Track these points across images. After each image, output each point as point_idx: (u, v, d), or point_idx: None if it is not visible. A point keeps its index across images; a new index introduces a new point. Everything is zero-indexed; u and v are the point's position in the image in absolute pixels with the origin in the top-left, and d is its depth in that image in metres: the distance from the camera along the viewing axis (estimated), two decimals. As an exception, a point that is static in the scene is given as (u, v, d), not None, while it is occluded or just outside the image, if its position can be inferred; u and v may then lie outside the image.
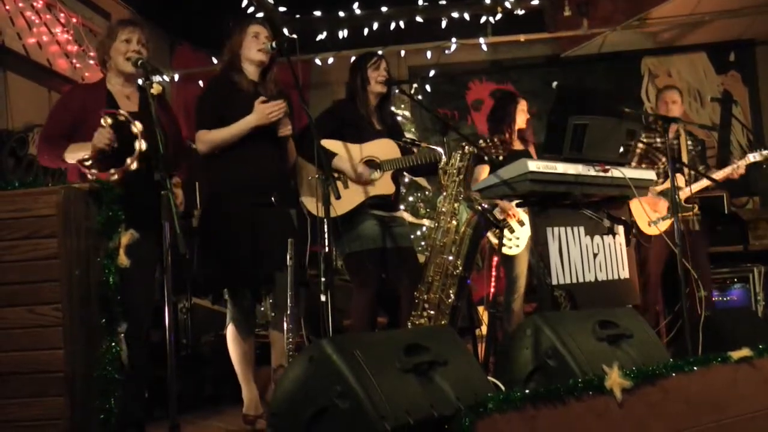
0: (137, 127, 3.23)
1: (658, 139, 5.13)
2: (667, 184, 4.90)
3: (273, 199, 3.69)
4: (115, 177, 3.18)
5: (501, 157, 3.73)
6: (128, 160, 3.21)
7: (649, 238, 5.04)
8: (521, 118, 5.00)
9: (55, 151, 3.35)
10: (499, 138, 4.74)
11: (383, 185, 3.99)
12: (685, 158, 5.11)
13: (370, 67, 4.11)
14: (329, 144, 3.94)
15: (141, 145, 3.22)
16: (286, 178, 3.92)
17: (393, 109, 4.61)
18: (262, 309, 4.78)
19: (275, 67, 3.85)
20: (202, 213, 3.86)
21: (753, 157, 5.13)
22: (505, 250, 4.80)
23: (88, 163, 3.25)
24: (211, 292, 3.97)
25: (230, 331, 3.76)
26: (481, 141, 3.78)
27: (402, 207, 4.42)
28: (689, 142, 5.26)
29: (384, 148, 4.03)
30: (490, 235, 4.63)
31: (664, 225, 4.95)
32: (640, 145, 5.08)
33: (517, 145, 4.97)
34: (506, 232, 4.81)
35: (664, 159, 5.10)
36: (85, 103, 3.42)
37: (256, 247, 3.63)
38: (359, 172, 3.93)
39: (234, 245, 3.64)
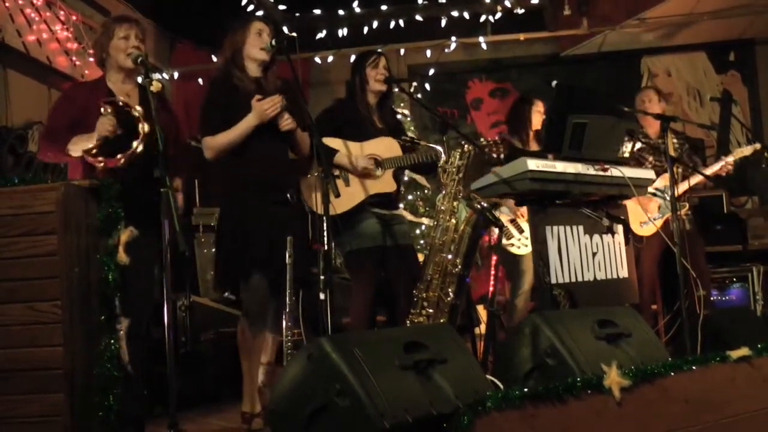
0: (137, 110, 3.24)
1: (643, 140, 5.15)
2: (657, 184, 4.91)
3: (289, 195, 3.69)
4: (122, 162, 3.21)
5: (502, 156, 3.75)
6: (134, 144, 3.21)
7: (641, 238, 5.04)
8: (537, 119, 5.03)
9: (59, 145, 3.35)
10: (500, 137, 4.73)
11: (385, 183, 3.99)
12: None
13: (368, 66, 4.11)
14: (329, 142, 3.94)
15: (144, 127, 3.21)
16: (299, 173, 3.92)
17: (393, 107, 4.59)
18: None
19: (276, 63, 3.84)
20: (220, 213, 3.86)
21: (741, 151, 5.15)
22: (513, 249, 4.84)
23: (93, 152, 3.25)
24: (228, 284, 3.96)
25: (240, 327, 3.75)
26: (482, 140, 3.79)
27: (401, 205, 4.42)
28: (674, 140, 5.27)
29: (385, 147, 4.03)
30: (503, 237, 4.65)
31: (657, 224, 4.95)
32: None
33: (534, 146, 4.98)
34: (515, 231, 4.83)
35: (651, 158, 5.12)
36: (87, 101, 3.42)
37: (273, 241, 3.62)
38: (362, 165, 3.93)
39: (251, 239, 3.64)
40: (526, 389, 2.31)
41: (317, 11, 7.39)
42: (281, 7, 7.27)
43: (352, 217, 3.96)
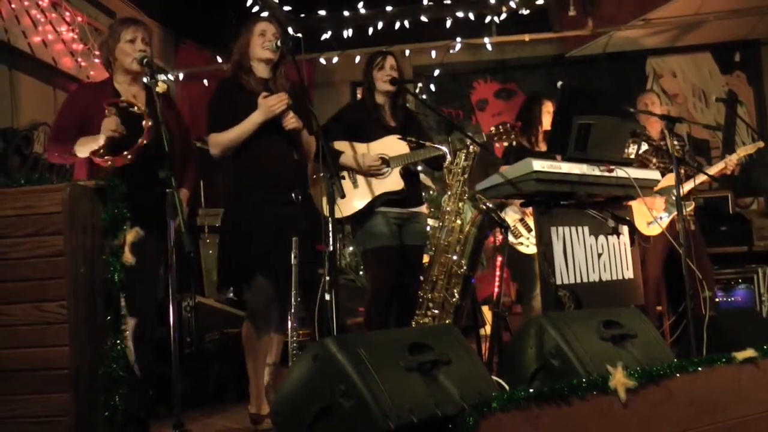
0: (140, 108, 3.31)
1: (647, 141, 5.16)
2: (663, 183, 4.91)
3: (294, 195, 3.69)
4: (130, 158, 3.28)
5: (514, 143, 3.74)
6: (140, 140, 3.30)
7: (648, 238, 5.03)
8: (547, 120, 4.99)
9: (66, 147, 3.39)
10: (512, 125, 4.70)
11: (392, 182, 3.98)
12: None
13: (374, 68, 4.12)
14: (336, 145, 3.96)
15: (147, 123, 3.30)
16: (304, 174, 3.93)
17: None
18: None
19: (284, 64, 3.84)
20: (224, 212, 3.86)
21: (745, 149, 5.15)
22: (522, 248, 4.80)
23: (100, 152, 3.30)
24: (230, 284, 3.96)
25: (245, 328, 3.75)
26: (492, 129, 3.77)
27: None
28: (675, 143, 5.27)
29: (391, 146, 4.02)
30: (510, 237, 4.62)
31: (663, 224, 4.95)
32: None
33: (543, 147, 4.95)
34: (523, 230, 4.81)
35: (655, 160, 5.12)
36: (93, 102, 3.44)
37: (277, 241, 3.62)
38: (368, 164, 3.92)
39: (255, 239, 3.64)
40: (531, 390, 2.31)
41: (322, 12, 7.39)
42: (286, 7, 7.26)
43: (364, 218, 3.97)
